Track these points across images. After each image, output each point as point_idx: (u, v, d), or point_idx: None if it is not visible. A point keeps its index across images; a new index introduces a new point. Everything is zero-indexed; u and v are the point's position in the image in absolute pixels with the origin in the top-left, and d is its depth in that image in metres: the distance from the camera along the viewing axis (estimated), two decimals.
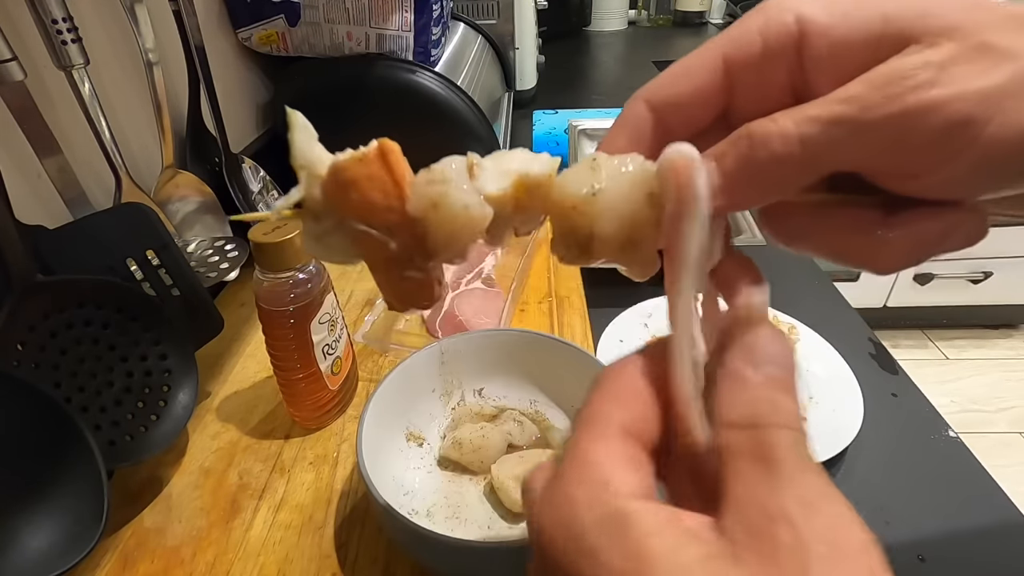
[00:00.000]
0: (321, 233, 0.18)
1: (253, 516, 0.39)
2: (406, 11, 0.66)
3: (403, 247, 0.17)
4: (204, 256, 0.53)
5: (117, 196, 0.47)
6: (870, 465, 0.42)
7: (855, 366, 0.47)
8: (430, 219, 0.17)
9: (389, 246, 0.17)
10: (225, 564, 0.36)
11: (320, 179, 0.17)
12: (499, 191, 0.17)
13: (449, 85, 0.70)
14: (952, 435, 0.44)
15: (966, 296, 1.69)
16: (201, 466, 0.43)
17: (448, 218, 0.16)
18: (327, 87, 0.71)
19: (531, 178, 0.17)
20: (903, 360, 0.51)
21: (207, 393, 0.49)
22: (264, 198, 0.65)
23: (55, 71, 0.41)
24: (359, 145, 0.18)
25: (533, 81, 1.11)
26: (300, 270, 0.39)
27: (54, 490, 0.32)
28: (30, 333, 0.35)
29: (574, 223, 0.17)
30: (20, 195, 0.42)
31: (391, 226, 0.17)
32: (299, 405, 0.44)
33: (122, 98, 0.53)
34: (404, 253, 0.17)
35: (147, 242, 0.42)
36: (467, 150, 0.19)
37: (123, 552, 0.37)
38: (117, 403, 0.38)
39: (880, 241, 0.17)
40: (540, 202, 0.17)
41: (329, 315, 0.41)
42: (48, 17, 0.39)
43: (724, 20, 1.78)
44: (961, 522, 0.38)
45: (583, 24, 1.69)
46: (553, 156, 0.18)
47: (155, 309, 0.41)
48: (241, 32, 0.69)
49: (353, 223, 0.17)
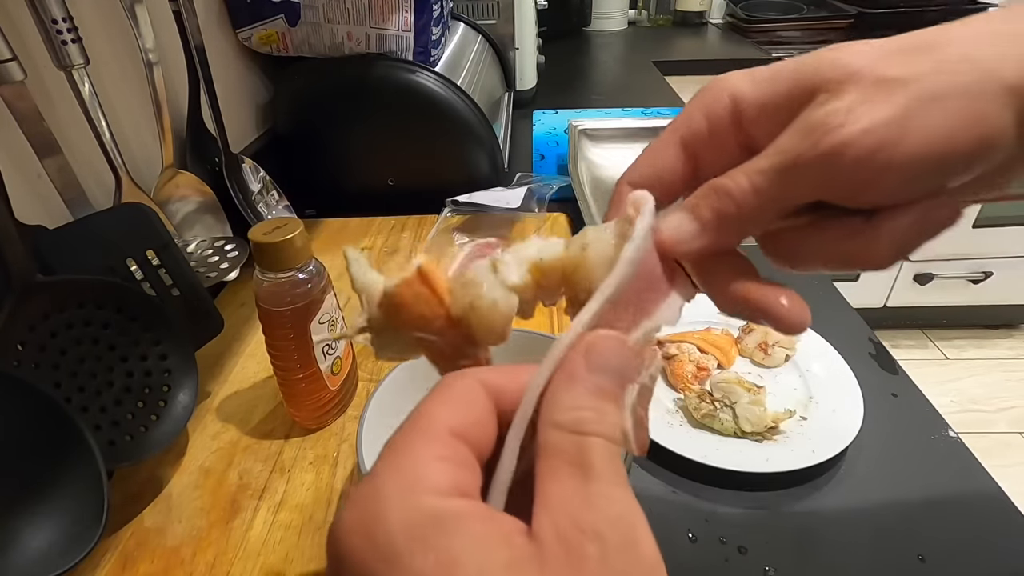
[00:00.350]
0: (385, 343, 0.22)
1: (253, 516, 0.39)
2: (406, 11, 0.66)
3: (453, 342, 0.21)
4: (204, 256, 0.53)
5: (117, 196, 0.47)
6: (870, 465, 0.42)
7: (855, 366, 0.47)
8: (470, 318, 0.20)
9: (441, 344, 0.21)
10: (225, 564, 0.36)
11: (376, 300, 0.21)
12: (521, 281, 0.20)
13: (449, 85, 0.70)
14: (952, 435, 0.44)
15: (966, 296, 1.69)
16: (201, 466, 0.43)
17: (484, 314, 0.20)
18: (327, 87, 0.71)
19: (544, 263, 0.20)
20: (903, 360, 0.51)
21: (207, 393, 0.49)
22: (264, 198, 0.65)
23: (55, 71, 0.41)
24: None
25: (533, 81, 1.11)
26: (300, 270, 0.39)
27: (54, 490, 0.32)
28: (30, 333, 0.35)
29: (577, 283, 0.20)
30: (20, 195, 0.42)
31: (440, 330, 0.20)
32: (299, 405, 0.44)
33: (122, 98, 0.53)
34: (455, 346, 0.21)
35: (147, 242, 0.42)
36: (467, 150, 0.20)
37: (123, 552, 0.37)
38: (117, 403, 0.38)
39: (869, 240, 0.19)
40: (556, 280, 0.20)
41: (329, 315, 0.41)
42: (48, 17, 0.39)
43: (724, 20, 1.78)
44: (961, 522, 0.38)
45: (583, 24, 1.69)
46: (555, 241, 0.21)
47: (155, 309, 0.41)
48: (241, 32, 0.69)
49: (409, 333, 0.21)
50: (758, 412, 0.42)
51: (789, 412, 0.44)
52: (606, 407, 0.16)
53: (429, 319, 0.20)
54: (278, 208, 0.66)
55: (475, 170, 0.75)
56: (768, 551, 0.37)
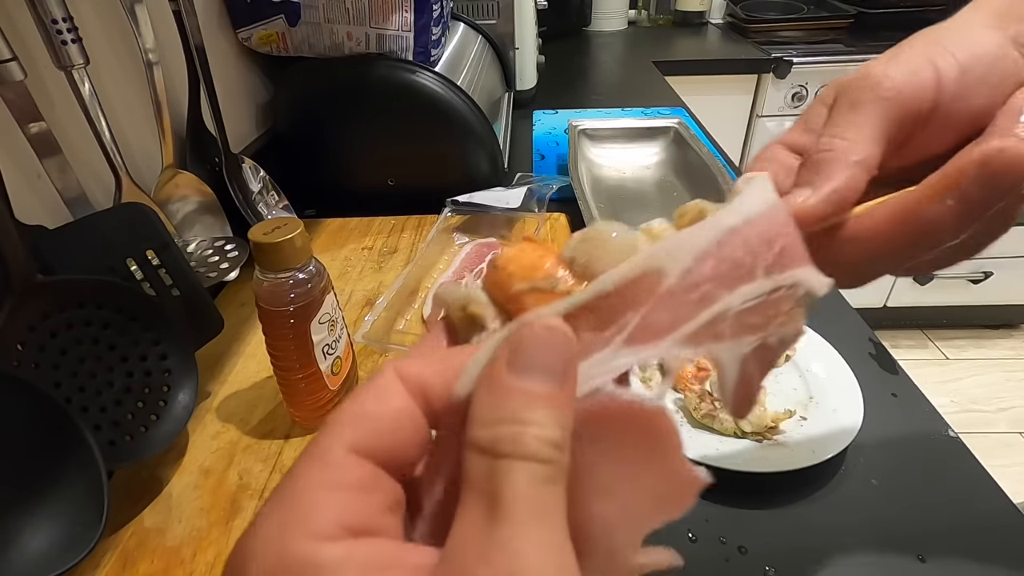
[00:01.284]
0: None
1: (253, 516, 0.39)
2: (406, 11, 0.66)
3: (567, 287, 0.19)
4: (204, 256, 0.53)
5: (117, 196, 0.47)
6: (870, 465, 0.42)
7: (855, 366, 0.47)
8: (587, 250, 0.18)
9: (558, 288, 0.18)
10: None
11: (482, 298, 0.19)
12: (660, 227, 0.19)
13: (449, 85, 0.70)
14: (952, 435, 0.44)
15: (966, 296, 1.69)
16: (201, 466, 0.43)
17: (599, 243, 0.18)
18: (327, 87, 0.71)
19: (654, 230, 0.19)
20: (903, 360, 0.51)
21: (207, 393, 0.49)
22: (264, 198, 0.65)
23: (55, 71, 0.41)
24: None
25: (533, 81, 1.11)
26: (300, 270, 0.39)
27: (54, 490, 0.32)
28: (30, 333, 0.35)
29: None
30: (20, 195, 0.42)
31: (549, 273, 0.18)
32: (299, 405, 0.44)
33: (122, 98, 0.53)
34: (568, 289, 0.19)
35: (147, 242, 0.42)
36: (467, 150, 0.20)
37: (123, 552, 0.37)
38: (117, 403, 0.38)
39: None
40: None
41: (329, 315, 0.41)
42: (48, 17, 0.39)
43: (724, 20, 1.78)
44: (961, 522, 0.38)
45: (583, 24, 1.69)
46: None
47: (155, 309, 0.41)
48: (241, 32, 0.69)
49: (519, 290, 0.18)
50: (758, 412, 0.42)
51: (789, 412, 0.44)
52: (532, 416, 0.13)
53: (539, 264, 0.18)
54: (278, 208, 0.66)
55: (475, 170, 0.75)
56: (768, 551, 0.37)
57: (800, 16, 1.63)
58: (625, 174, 0.81)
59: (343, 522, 0.12)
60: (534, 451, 0.12)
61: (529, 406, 0.13)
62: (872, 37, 1.53)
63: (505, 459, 0.12)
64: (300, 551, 0.12)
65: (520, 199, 0.68)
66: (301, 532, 0.12)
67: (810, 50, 1.44)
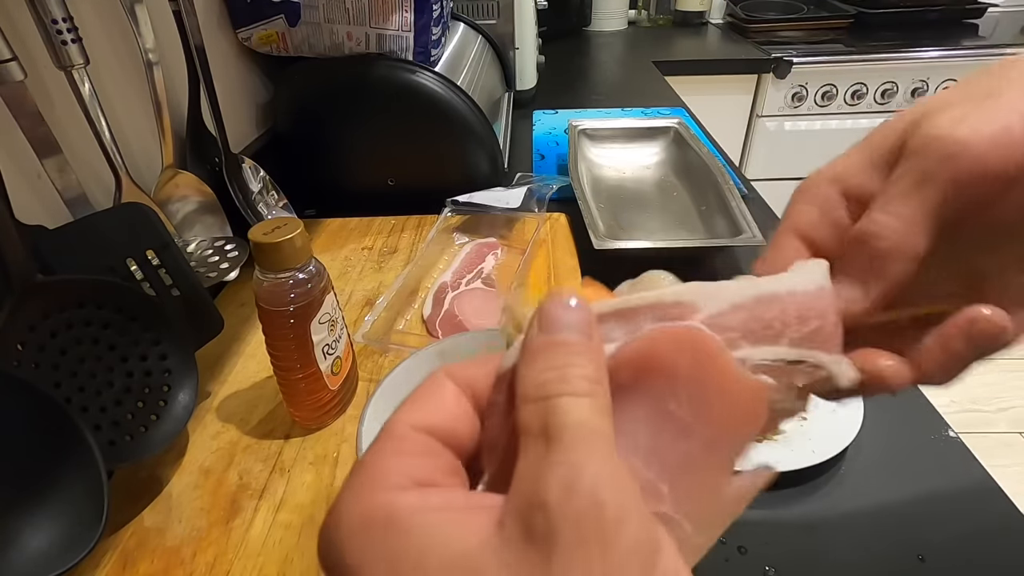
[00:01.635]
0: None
1: (253, 516, 0.39)
2: (406, 11, 0.66)
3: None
4: (204, 256, 0.53)
5: (117, 196, 0.47)
6: (870, 465, 0.42)
7: None
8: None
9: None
10: (225, 564, 0.36)
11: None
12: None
13: (449, 85, 0.70)
14: (952, 435, 0.44)
15: None
16: (201, 466, 0.43)
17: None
18: (327, 87, 0.71)
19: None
20: None
21: (207, 393, 0.49)
22: (264, 198, 0.65)
23: (55, 71, 0.41)
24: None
25: (533, 81, 1.11)
26: (300, 270, 0.39)
27: (54, 490, 0.32)
28: (30, 333, 0.35)
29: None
30: (20, 195, 0.42)
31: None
32: (299, 405, 0.44)
33: (122, 98, 0.53)
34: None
35: (147, 242, 0.42)
36: (467, 150, 0.20)
37: (123, 552, 0.37)
38: (117, 403, 0.38)
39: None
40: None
41: (329, 315, 0.41)
42: (48, 17, 0.39)
43: (724, 20, 1.78)
44: (961, 522, 0.38)
45: (583, 24, 1.69)
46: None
47: (155, 309, 0.41)
48: (241, 32, 0.69)
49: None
50: None
51: None
52: (569, 360, 0.15)
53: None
54: (278, 208, 0.66)
55: (475, 170, 0.75)
56: (768, 551, 0.37)
57: (800, 16, 1.63)
58: (625, 174, 0.81)
59: (413, 476, 0.14)
60: (576, 386, 0.14)
61: (565, 353, 0.15)
62: (872, 37, 1.53)
63: (553, 398, 0.14)
64: (379, 501, 0.14)
65: (520, 199, 0.68)
66: (379, 486, 0.14)
67: (810, 50, 1.44)
